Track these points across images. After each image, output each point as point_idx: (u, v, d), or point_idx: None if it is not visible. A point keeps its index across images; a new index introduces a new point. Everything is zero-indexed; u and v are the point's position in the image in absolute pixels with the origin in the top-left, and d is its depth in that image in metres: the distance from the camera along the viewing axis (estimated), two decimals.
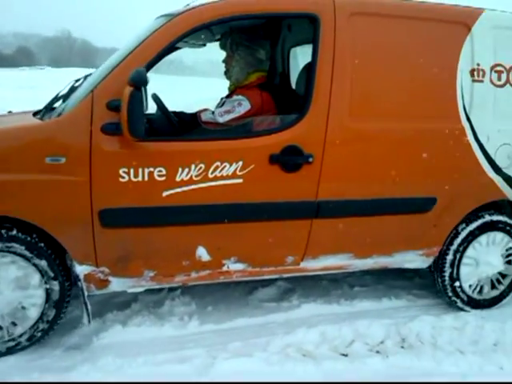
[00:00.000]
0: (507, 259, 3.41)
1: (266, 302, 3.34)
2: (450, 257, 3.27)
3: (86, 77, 3.12)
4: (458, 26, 3.04)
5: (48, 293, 2.63)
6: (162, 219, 2.70)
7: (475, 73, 3.07)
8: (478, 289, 3.38)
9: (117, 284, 2.74)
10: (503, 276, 3.43)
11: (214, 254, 2.81)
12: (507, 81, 3.15)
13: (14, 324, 2.62)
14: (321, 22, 2.78)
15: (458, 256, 3.28)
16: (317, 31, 2.79)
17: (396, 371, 2.67)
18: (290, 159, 2.77)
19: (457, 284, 3.30)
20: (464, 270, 3.31)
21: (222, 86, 3.55)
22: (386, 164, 2.98)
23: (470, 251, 3.31)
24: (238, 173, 2.71)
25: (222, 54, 3.37)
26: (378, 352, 2.85)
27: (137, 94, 2.38)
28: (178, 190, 2.65)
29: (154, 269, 2.77)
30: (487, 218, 3.32)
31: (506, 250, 3.40)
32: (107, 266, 2.69)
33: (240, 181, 2.72)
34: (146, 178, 2.59)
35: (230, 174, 2.70)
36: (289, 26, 3.66)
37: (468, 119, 3.08)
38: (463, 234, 3.27)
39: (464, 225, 3.28)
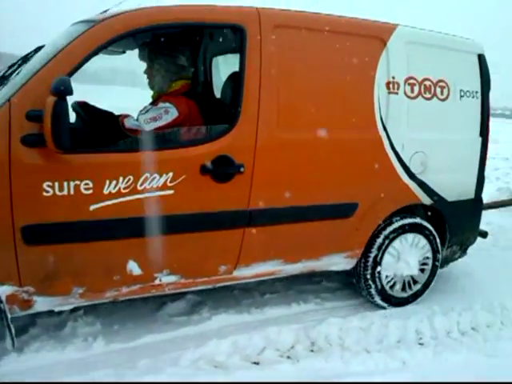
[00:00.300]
0: (422, 267, 3.62)
1: (176, 316, 3.24)
2: (380, 240, 3.43)
3: (24, 59, 2.93)
4: (375, 41, 3.21)
5: None
6: (89, 234, 2.59)
7: (391, 85, 3.25)
8: (391, 283, 3.55)
9: (42, 304, 2.59)
10: (414, 282, 3.64)
11: (145, 267, 2.74)
12: (419, 93, 3.37)
13: None
14: (247, 32, 2.81)
15: (386, 242, 3.45)
16: (243, 42, 2.81)
17: (306, 374, 2.70)
18: (222, 169, 2.78)
19: (378, 269, 3.45)
20: (387, 258, 3.48)
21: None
22: (311, 172, 3.08)
23: (397, 243, 3.50)
24: (168, 184, 2.67)
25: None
26: (288, 357, 2.88)
27: (61, 104, 2.27)
28: (107, 203, 2.57)
29: (83, 285, 2.65)
30: (418, 220, 3.56)
31: (423, 258, 3.62)
32: (32, 285, 2.53)
33: (171, 192, 2.69)
34: (72, 192, 2.48)
35: (160, 185, 2.66)
36: (211, 35, 3.66)
37: (385, 129, 3.26)
38: (396, 225, 3.46)
39: (398, 217, 3.48)
